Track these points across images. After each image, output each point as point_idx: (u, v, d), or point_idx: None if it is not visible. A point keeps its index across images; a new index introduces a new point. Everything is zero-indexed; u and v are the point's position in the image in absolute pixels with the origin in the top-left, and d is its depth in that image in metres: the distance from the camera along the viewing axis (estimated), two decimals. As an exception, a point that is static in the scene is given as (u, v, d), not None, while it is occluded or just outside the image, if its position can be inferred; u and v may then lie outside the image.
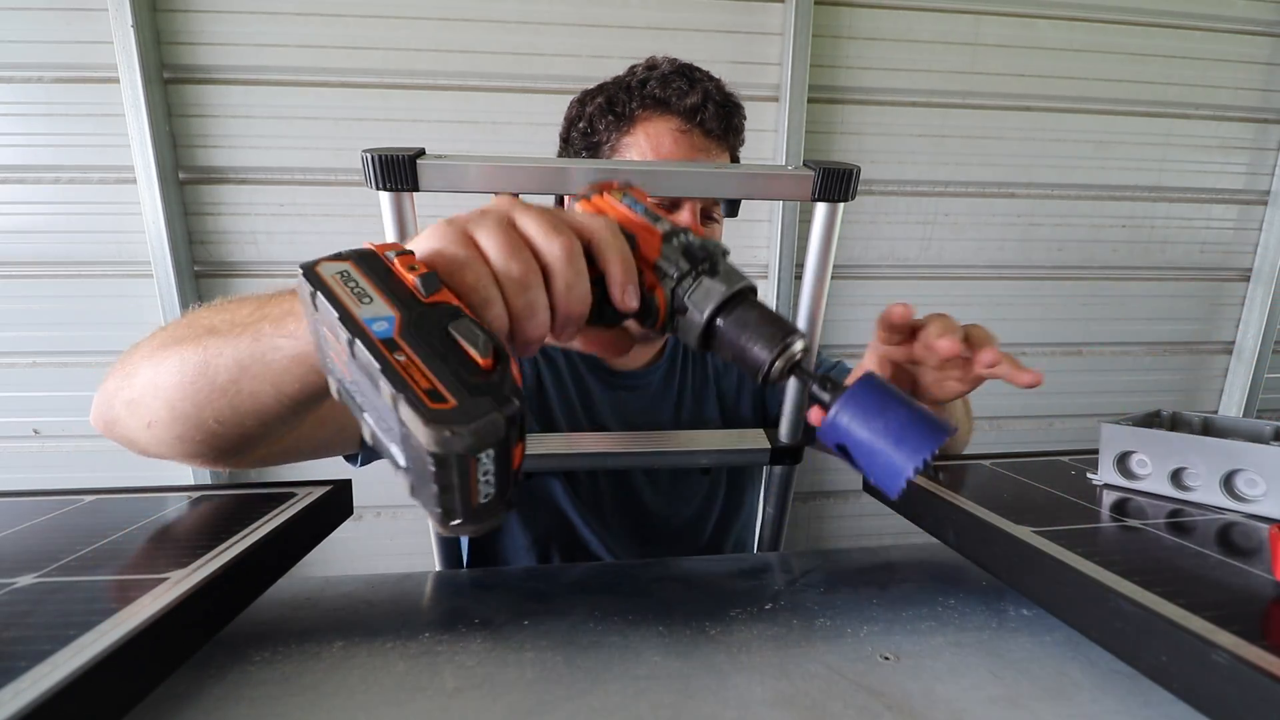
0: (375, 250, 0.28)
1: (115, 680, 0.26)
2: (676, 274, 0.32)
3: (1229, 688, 0.25)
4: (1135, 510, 0.44)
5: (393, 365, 0.23)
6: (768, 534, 0.69)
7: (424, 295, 0.26)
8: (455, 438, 0.22)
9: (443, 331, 0.24)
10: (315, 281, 0.26)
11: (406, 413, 0.22)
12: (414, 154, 0.44)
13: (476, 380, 0.23)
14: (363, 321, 0.24)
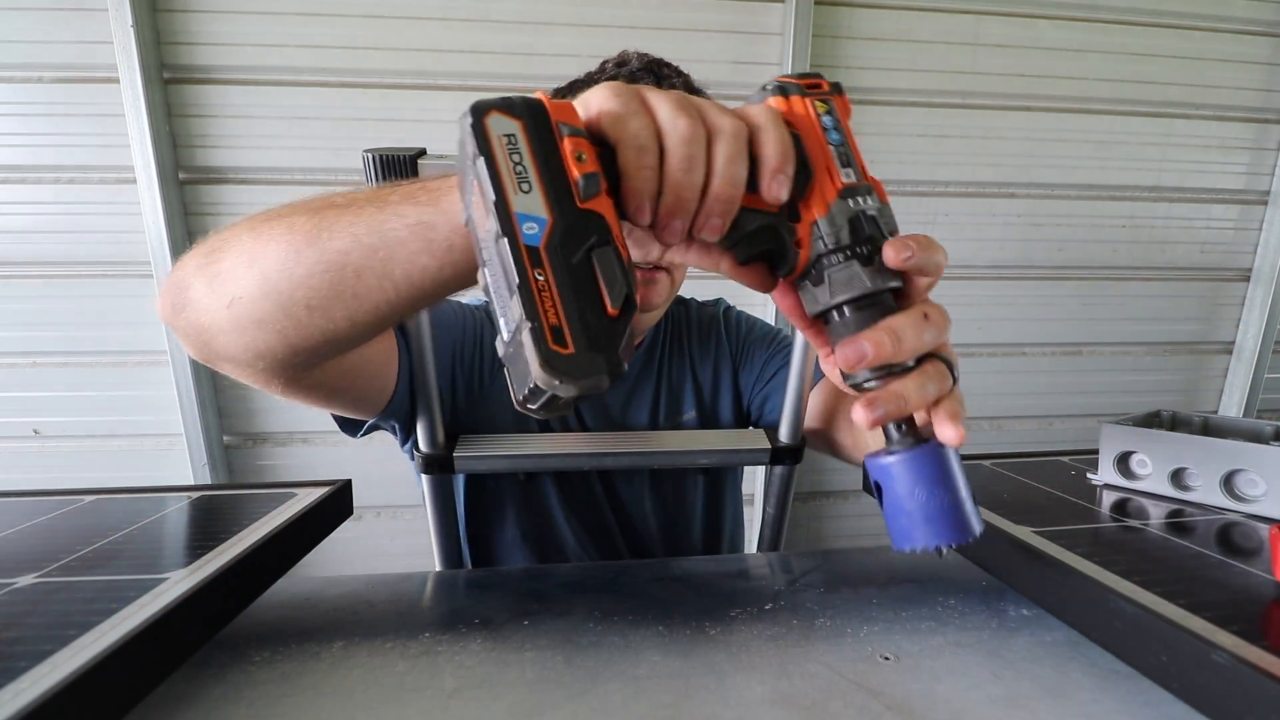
0: (548, 111, 0.26)
1: (115, 680, 0.26)
2: (831, 244, 0.29)
3: (1229, 688, 0.25)
4: (1135, 510, 0.44)
5: (530, 285, 0.24)
6: (768, 534, 0.69)
7: (581, 198, 0.25)
8: (562, 385, 0.24)
9: (585, 256, 0.25)
10: (481, 138, 0.25)
11: (527, 340, 0.24)
12: (415, 154, 0.44)
13: (599, 329, 0.24)
14: (516, 217, 0.24)
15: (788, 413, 0.60)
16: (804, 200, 0.30)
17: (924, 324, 0.30)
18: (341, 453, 1.52)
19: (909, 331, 0.29)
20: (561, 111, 0.27)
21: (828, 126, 0.30)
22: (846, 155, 0.30)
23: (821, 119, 0.30)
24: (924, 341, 0.29)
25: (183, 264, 0.39)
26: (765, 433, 0.63)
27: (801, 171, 0.30)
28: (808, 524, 1.72)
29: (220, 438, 1.49)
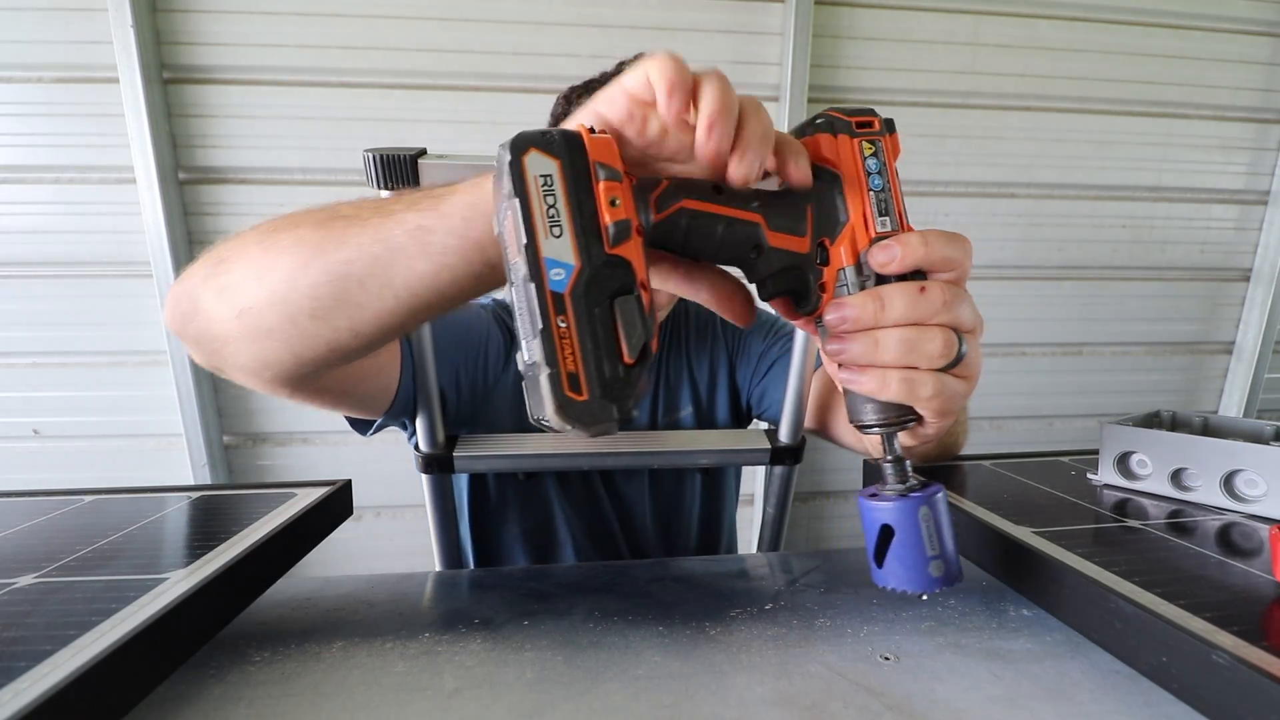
0: (586, 151, 0.26)
1: (115, 680, 0.26)
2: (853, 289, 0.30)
3: (1229, 688, 0.25)
4: (1135, 511, 0.44)
5: (552, 332, 0.25)
6: (768, 534, 0.69)
7: (610, 244, 0.26)
8: (573, 430, 0.25)
9: (608, 304, 0.26)
10: (517, 177, 0.25)
11: (544, 383, 0.25)
12: (415, 153, 0.44)
13: (614, 377, 0.26)
14: (544, 263, 0.25)
15: (788, 413, 0.60)
16: (834, 245, 0.30)
17: (918, 296, 0.29)
18: (341, 453, 1.52)
19: (897, 298, 0.29)
20: (600, 151, 0.27)
21: (871, 170, 0.30)
22: (885, 202, 0.30)
23: (866, 161, 0.30)
24: (916, 312, 0.29)
25: (189, 274, 0.40)
26: (765, 433, 0.63)
27: (837, 213, 0.30)
28: (808, 524, 1.72)
29: (220, 438, 1.49)
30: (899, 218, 0.30)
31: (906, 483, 0.32)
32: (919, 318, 0.29)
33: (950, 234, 0.30)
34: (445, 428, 0.58)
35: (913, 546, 0.31)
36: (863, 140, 0.30)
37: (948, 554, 0.31)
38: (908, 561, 0.31)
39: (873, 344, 0.29)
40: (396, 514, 1.56)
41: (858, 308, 0.29)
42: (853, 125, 0.30)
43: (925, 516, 0.31)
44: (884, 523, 0.31)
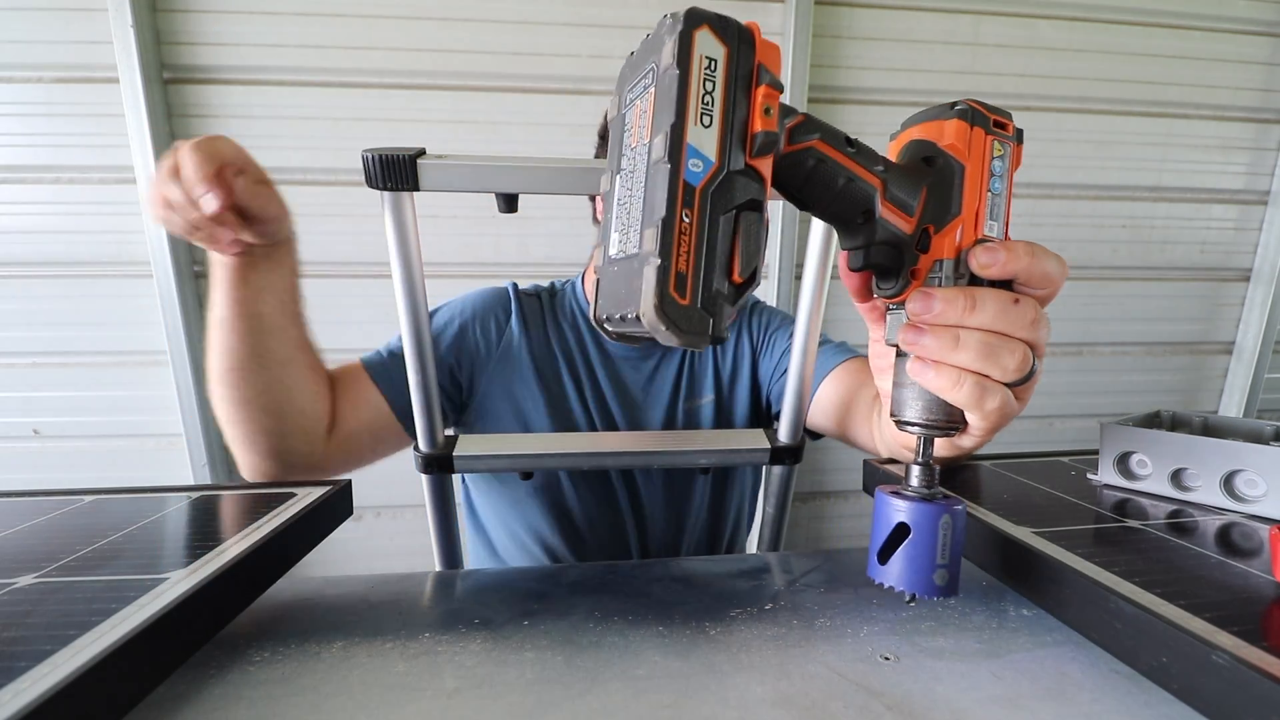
0: (756, 48, 0.26)
1: (115, 680, 0.26)
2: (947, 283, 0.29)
3: (1229, 689, 0.25)
4: (1135, 511, 0.44)
5: (674, 226, 0.24)
6: (768, 534, 0.69)
7: (753, 153, 0.25)
8: (665, 332, 0.24)
9: (734, 214, 0.25)
10: (684, 51, 0.24)
11: (649, 275, 0.24)
12: (414, 154, 0.44)
13: (718, 290, 0.25)
14: (686, 149, 0.24)
15: (787, 413, 0.60)
16: (938, 234, 0.29)
17: (1010, 306, 0.28)
18: (341, 453, 1.52)
19: (990, 303, 0.28)
20: (768, 54, 0.26)
21: (995, 172, 0.29)
22: (998, 208, 0.29)
23: (993, 161, 0.29)
24: (1004, 322, 0.28)
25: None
26: (765, 433, 0.63)
27: (950, 204, 0.29)
28: (808, 524, 1.72)
29: (220, 438, 1.49)
30: (1005, 226, 0.30)
31: (931, 489, 0.32)
32: (1004, 328, 0.29)
33: (1054, 253, 0.30)
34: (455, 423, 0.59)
35: (925, 551, 0.31)
36: (996, 140, 0.29)
37: (954, 566, 0.31)
38: (917, 564, 0.31)
39: (952, 341, 0.29)
40: (396, 514, 1.56)
41: (947, 302, 0.28)
42: (990, 122, 0.29)
43: (945, 525, 0.31)
44: (902, 521, 0.31)
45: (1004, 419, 0.31)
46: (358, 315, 1.45)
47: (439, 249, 1.40)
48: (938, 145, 0.30)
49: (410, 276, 0.50)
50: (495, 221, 1.39)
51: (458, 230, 1.40)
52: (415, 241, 0.49)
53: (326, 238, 1.41)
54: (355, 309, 1.44)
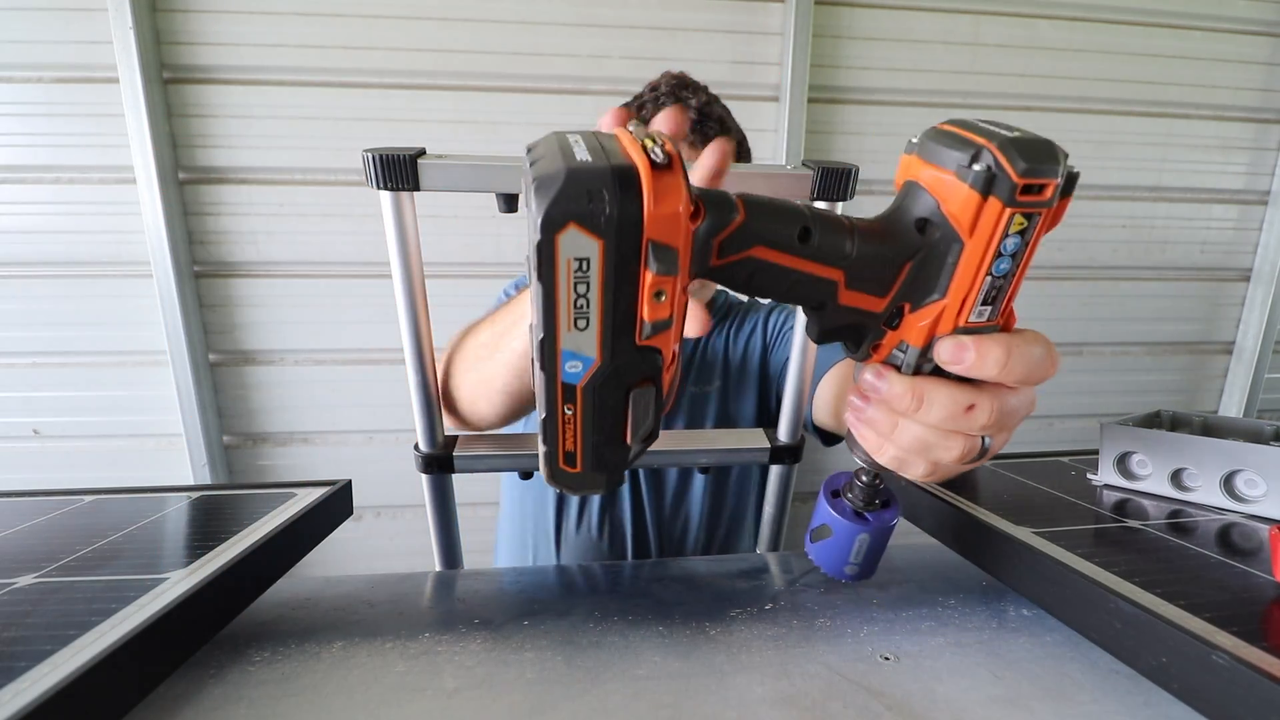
0: (644, 229, 0.21)
1: (115, 680, 0.26)
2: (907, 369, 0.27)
3: (1229, 689, 0.25)
4: (1135, 511, 0.44)
5: (556, 419, 0.24)
6: (768, 534, 0.69)
7: (642, 338, 0.23)
8: (562, 489, 0.26)
9: (622, 396, 0.24)
10: (546, 258, 0.20)
11: (541, 453, 0.25)
12: (415, 154, 0.44)
13: (609, 454, 0.25)
14: (560, 355, 0.22)
15: (787, 412, 0.60)
16: (912, 314, 0.26)
17: (961, 414, 0.26)
18: (341, 453, 1.52)
19: (937, 407, 0.26)
20: (663, 225, 0.21)
21: (1004, 252, 0.23)
22: (999, 290, 0.24)
23: (1004, 241, 0.23)
24: (952, 425, 0.26)
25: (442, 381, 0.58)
26: (765, 432, 0.63)
27: (934, 285, 0.25)
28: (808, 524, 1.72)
29: (220, 438, 1.49)
30: (1004, 306, 0.25)
31: (869, 503, 0.34)
32: (952, 429, 0.27)
33: (1041, 346, 0.26)
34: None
35: (840, 551, 0.35)
36: (1018, 214, 0.23)
37: (866, 565, 0.35)
38: (833, 556, 0.35)
39: (891, 425, 0.28)
40: (396, 514, 1.56)
41: (894, 392, 0.27)
42: (1016, 190, 0.22)
43: (861, 540, 0.34)
44: (824, 523, 0.35)
45: (943, 479, 0.31)
46: (358, 315, 1.45)
47: (439, 249, 1.40)
48: (940, 208, 0.24)
49: (410, 276, 0.50)
50: (495, 221, 1.39)
51: (458, 230, 1.40)
52: (415, 241, 0.49)
53: (326, 238, 1.41)
54: (355, 309, 1.44)
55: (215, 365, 1.46)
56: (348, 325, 1.46)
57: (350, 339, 1.47)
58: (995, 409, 0.26)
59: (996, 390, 0.26)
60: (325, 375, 1.48)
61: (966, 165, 0.23)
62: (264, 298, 1.43)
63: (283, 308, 1.44)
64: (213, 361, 1.45)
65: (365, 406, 1.49)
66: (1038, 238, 0.24)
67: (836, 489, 0.35)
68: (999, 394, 0.26)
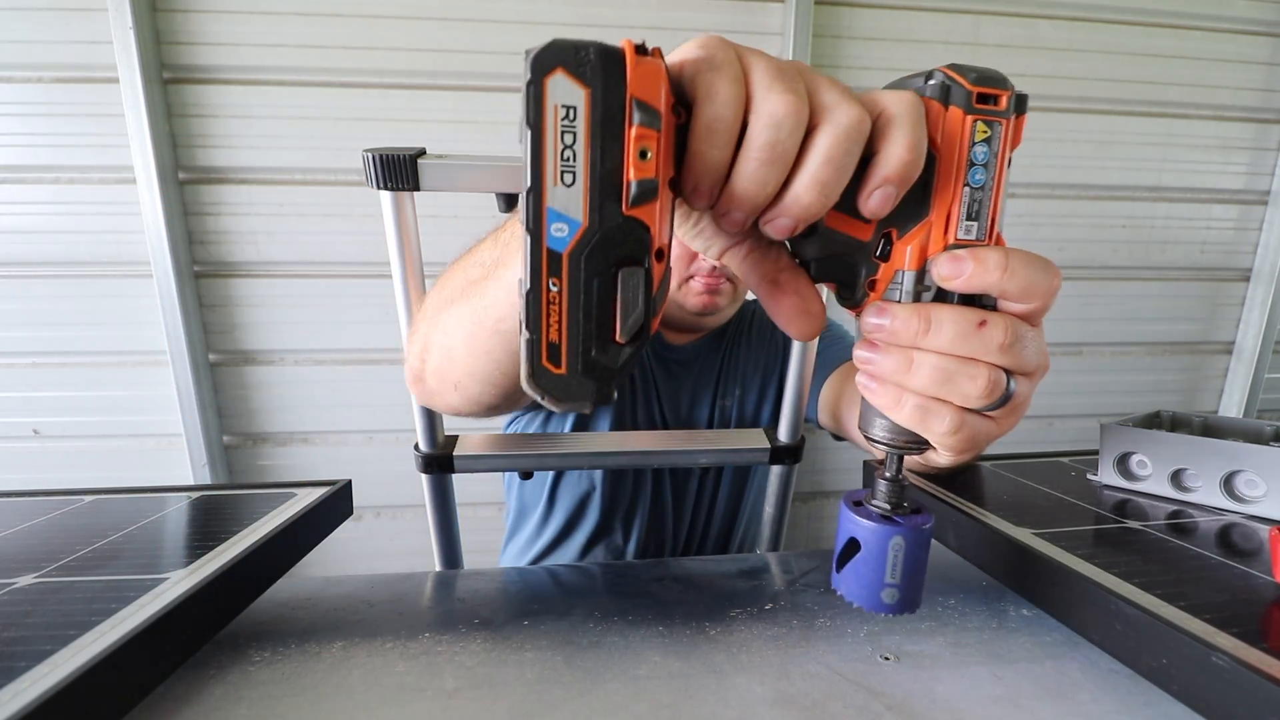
0: (626, 81, 0.21)
1: (115, 680, 0.26)
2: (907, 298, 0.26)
3: (1229, 690, 0.25)
4: (1135, 511, 0.44)
5: (540, 294, 0.22)
6: (768, 534, 0.69)
7: (629, 204, 0.22)
8: (543, 400, 0.23)
9: (610, 273, 0.22)
10: (535, 103, 0.21)
11: (522, 347, 0.23)
12: (415, 154, 0.44)
13: (598, 354, 0.23)
14: (546, 214, 0.21)
15: (786, 412, 0.60)
16: (901, 240, 0.25)
17: (972, 330, 0.24)
18: (341, 453, 1.52)
19: (947, 325, 0.24)
20: (643, 83, 0.21)
21: (975, 161, 0.24)
22: (980, 204, 0.25)
23: (973, 149, 0.24)
24: (966, 347, 0.25)
25: (408, 353, 0.48)
26: (764, 432, 0.63)
27: (915, 205, 0.25)
28: (808, 524, 1.72)
29: (220, 438, 1.49)
30: (990, 224, 0.25)
31: (897, 504, 0.30)
32: (967, 352, 0.25)
33: (1040, 259, 0.25)
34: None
35: (873, 570, 0.30)
36: (979, 120, 0.24)
37: (907, 586, 0.30)
38: (864, 580, 0.30)
39: (905, 363, 0.25)
40: (396, 514, 1.56)
41: (900, 321, 0.25)
42: (973, 98, 0.23)
43: (896, 546, 0.30)
44: (852, 535, 0.31)
45: (968, 443, 0.27)
46: (358, 315, 1.45)
47: (439, 249, 1.39)
48: None
49: (410, 276, 0.50)
50: (495, 221, 1.39)
51: (458, 230, 1.40)
52: (416, 241, 0.49)
53: (326, 238, 1.41)
54: (355, 309, 1.44)
55: (215, 365, 1.46)
56: (348, 325, 1.46)
57: (350, 339, 1.47)
58: (1008, 325, 0.25)
59: (1004, 312, 0.26)
60: (325, 375, 1.48)
61: (923, 84, 0.24)
62: (264, 298, 1.43)
63: (283, 308, 1.44)
64: (213, 361, 1.45)
65: (365, 406, 1.49)
66: (1004, 151, 0.24)
67: (857, 499, 0.32)
68: (1007, 315, 0.26)
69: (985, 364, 0.25)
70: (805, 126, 0.22)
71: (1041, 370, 0.27)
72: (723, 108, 0.21)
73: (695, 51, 0.22)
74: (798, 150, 0.22)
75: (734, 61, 0.22)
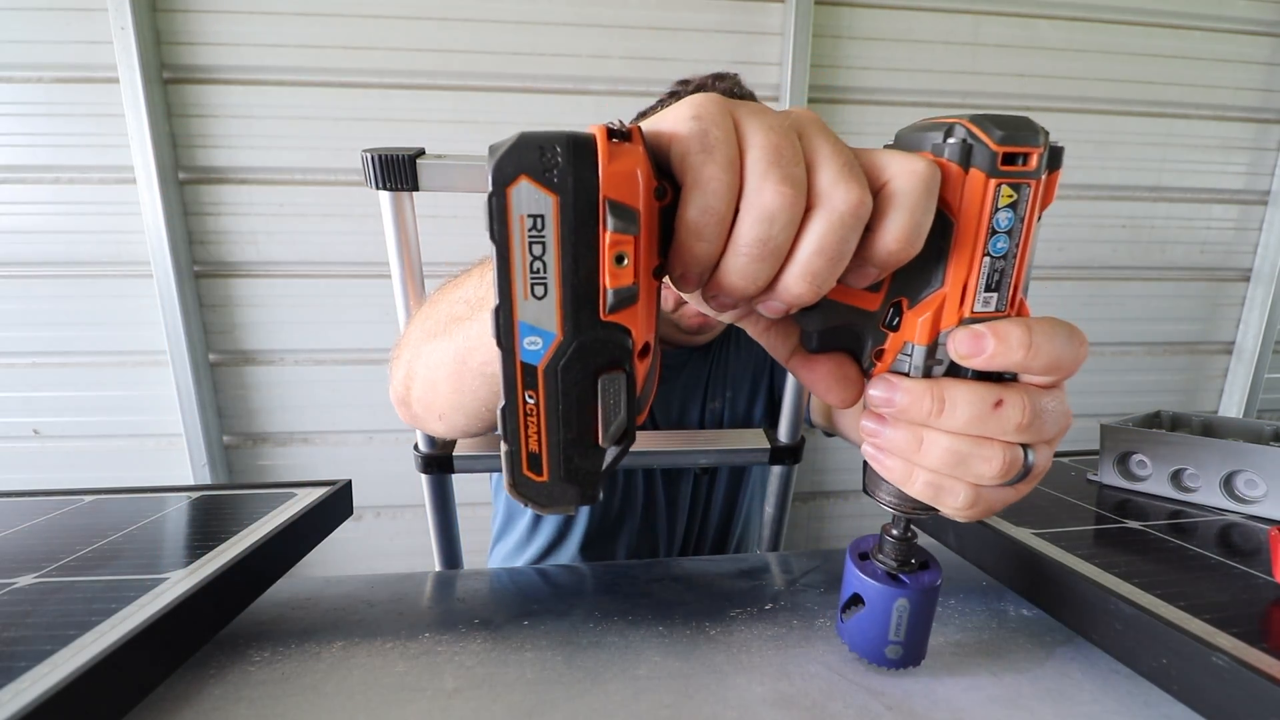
0: (599, 185, 0.19)
1: (115, 680, 0.26)
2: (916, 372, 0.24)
3: (1229, 690, 0.25)
4: (1135, 511, 0.44)
5: (516, 408, 0.21)
6: (767, 534, 0.69)
7: (606, 310, 0.20)
8: (525, 504, 0.23)
9: (589, 381, 0.21)
10: (499, 215, 0.19)
11: (503, 456, 0.22)
12: (414, 154, 0.44)
13: (580, 460, 0.22)
14: (518, 329, 0.20)
15: (787, 412, 0.60)
16: (912, 309, 0.23)
17: (989, 412, 0.23)
18: (341, 453, 1.52)
19: (962, 407, 0.23)
20: (617, 181, 0.19)
21: (998, 228, 0.22)
22: (1001, 273, 0.22)
23: (996, 215, 0.21)
24: (982, 428, 0.23)
25: (392, 378, 0.48)
26: (764, 432, 0.63)
27: (930, 273, 0.23)
28: (808, 524, 1.72)
29: (220, 438, 1.49)
30: (1011, 293, 0.23)
31: (904, 562, 0.30)
32: (982, 433, 0.23)
33: (1066, 328, 0.23)
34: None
35: (877, 627, 0.30)
36: (1004, 184, 0.21)
37: (910, 643, 0.30)
38: (868, 635, 0.31)
39: (915, 443, 0.24)
40: (396, 514, 1.56)
41: (911, 399, 0.23)
42: (998, 160, 0.21)
43: (900, 608, 0.30)
44: (857, 591, 0.30)
45: (983, 512, 0.25)
46: (358, 315, 1.45)
47: (439, 249, 1.39)
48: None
49: (410, 277, 0.50)
50: (495, 221, 1.39)
51: (458, 230, 1.40)
52: (415, 241, 0.49)
53: (326, 238, 1.41)
54: (355, 309, 1.44)
55: (215, 365, 1.46)
56: (348, 325, 1.46)
57: (350, 339, 1.47)
58: (1027, 403, 0.23)
59: (1024, 385, 0.24)
60: (325, 375, 1.48)
61: (941, 141, 0.21)
62: (264, 298, 1.43)
63: (283, 308, 1.44)
64: (213, 361, 1.45)
65: (365, 406, 1.49)
66: (1032, 214, 0.22)
67: (864, 551, 0.31)
68: (1027, 389, 0.24)
69: (1001, 443, 0.23)
70: (799, 219, 0.20)
71: (1063, 431, 0.25)
72: (713, 199, 0.20)
73: (687, 124, 0.20)
74: (791, 242, 0.21)
75: (728, 142, 0.20)
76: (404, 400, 0.48)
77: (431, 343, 0.41)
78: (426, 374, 0.42)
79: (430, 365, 0.41)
